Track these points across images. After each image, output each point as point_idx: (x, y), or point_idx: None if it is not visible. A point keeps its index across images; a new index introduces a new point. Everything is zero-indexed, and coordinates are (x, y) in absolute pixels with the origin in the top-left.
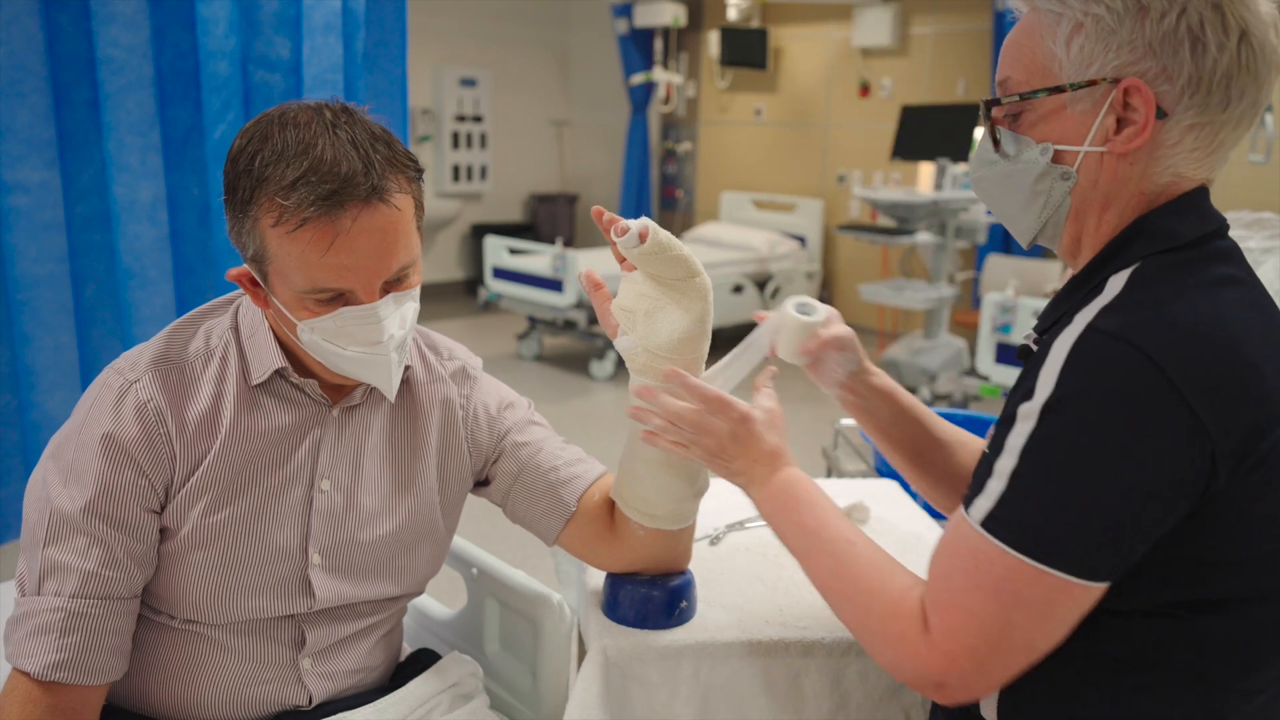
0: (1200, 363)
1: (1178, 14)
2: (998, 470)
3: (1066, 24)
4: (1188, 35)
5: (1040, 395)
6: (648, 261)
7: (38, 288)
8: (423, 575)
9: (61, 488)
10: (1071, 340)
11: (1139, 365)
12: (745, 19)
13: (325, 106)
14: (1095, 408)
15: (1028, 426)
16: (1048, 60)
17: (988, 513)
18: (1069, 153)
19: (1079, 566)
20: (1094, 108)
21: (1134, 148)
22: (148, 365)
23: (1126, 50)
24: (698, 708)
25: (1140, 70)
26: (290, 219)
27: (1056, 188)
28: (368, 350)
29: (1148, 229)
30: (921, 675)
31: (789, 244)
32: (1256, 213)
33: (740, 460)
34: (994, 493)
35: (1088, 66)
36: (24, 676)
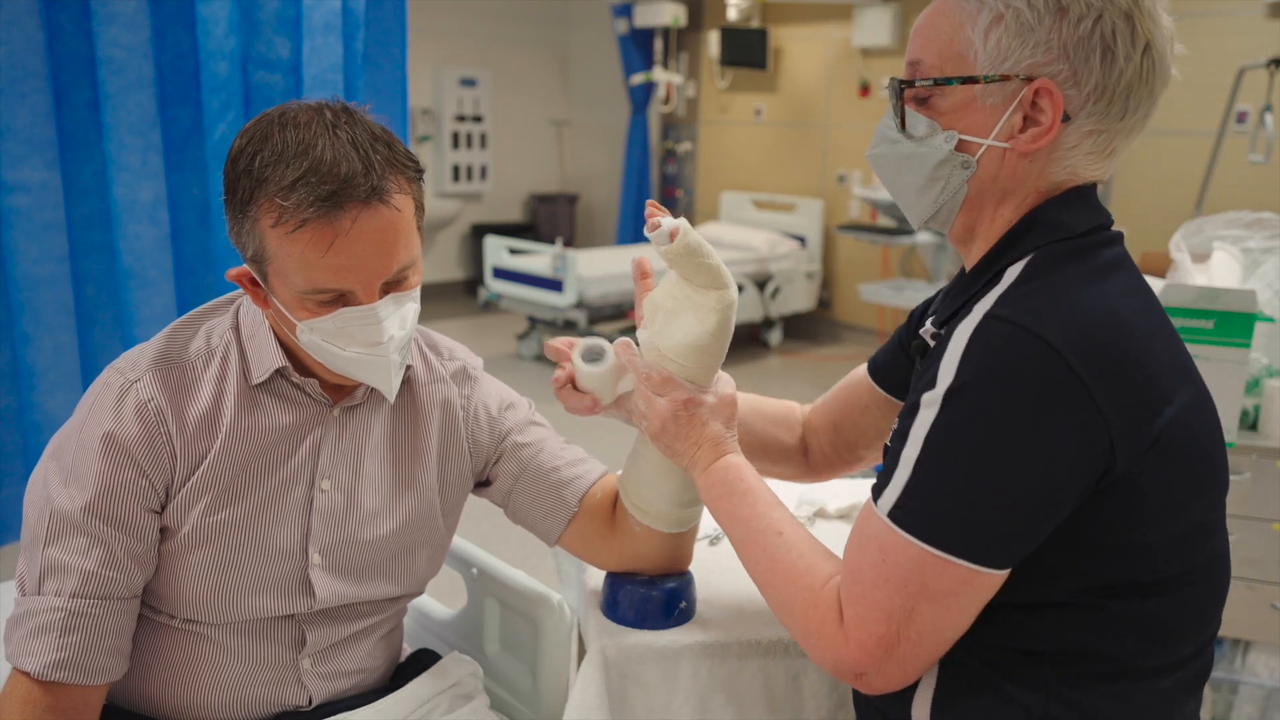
0: (1096, 348)
1: (1094, 20)
2: (903, 459)
3: (987, 14)
4: (1100, 43)
5: (942, 384)
6: (676, 262)
7: (38, 288)
8: (423, 575)
9: (62, 487)
10: (971, 329)
11: (1038, 351)
12: (745, 19)
13: (325, 106)
14: (996, 394)
15: (930, 414)
16: (964, 48)
17: (894, 503)
18: (973, 144)
19: (984, 555)
20: (1003, 103)
21: (1036, 149)
22: (148, 365)
23: (1042, 50)
24: (697, 708)
25: (1052, 72)
26: (290, 220)
27: (955, 175)
28: (367, 351)
29: (1041, 221)
30: (840, 665)
31: (789, 244)
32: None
33: (681, 443)
34: (899, 483)
35: (1002, 61)
36: (24, 676)
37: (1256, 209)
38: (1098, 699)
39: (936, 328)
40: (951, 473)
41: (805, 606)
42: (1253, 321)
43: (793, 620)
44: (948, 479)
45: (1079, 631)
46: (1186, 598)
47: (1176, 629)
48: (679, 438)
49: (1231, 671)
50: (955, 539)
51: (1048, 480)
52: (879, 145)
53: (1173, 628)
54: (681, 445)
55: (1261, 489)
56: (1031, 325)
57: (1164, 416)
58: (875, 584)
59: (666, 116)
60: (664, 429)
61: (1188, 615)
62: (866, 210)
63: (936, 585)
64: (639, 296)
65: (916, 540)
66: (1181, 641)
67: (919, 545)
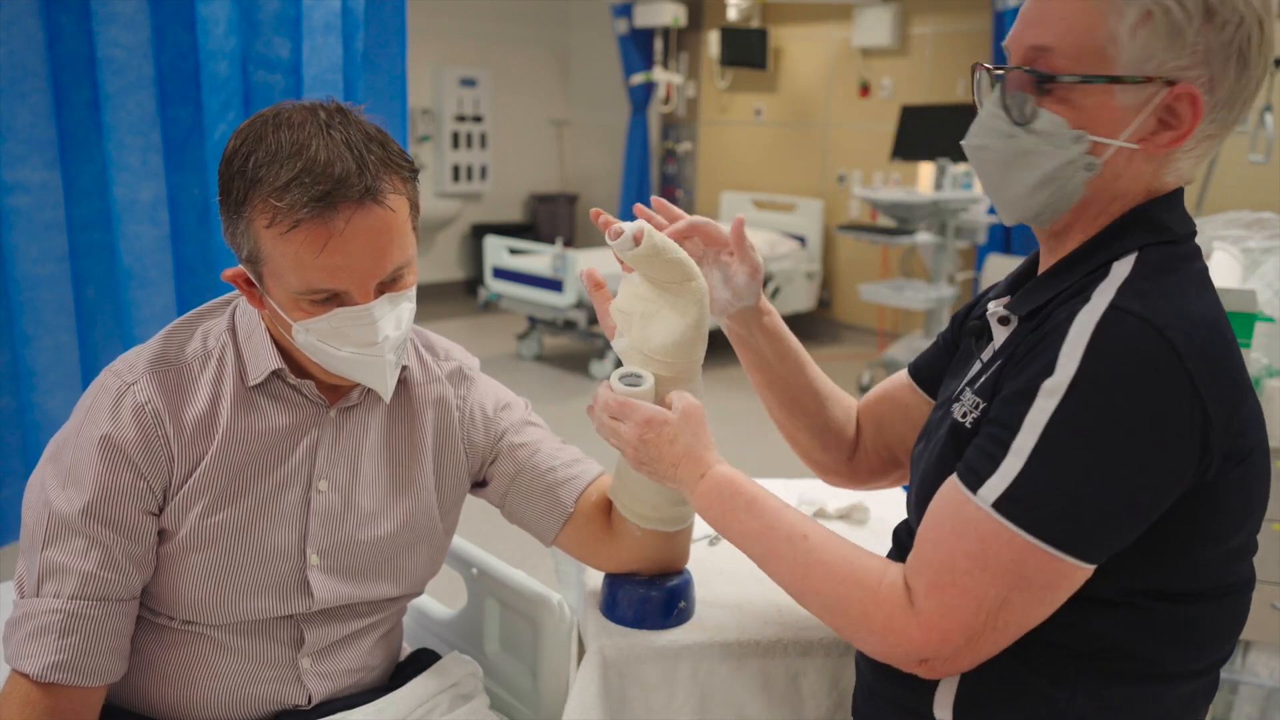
0: (1209, 356)
1: (1236, 25)
2: (1015, 448)
3: (1135, 10)
4: (1238, 50)
5: (1063, 373)
6: (643, 264)
7: (38, 288)
8: (421, 576)
9: (60, 490)
10: (1095, 318)
11: (1162, 351)
12: (745, 19)
13: (320, 106)
14: (1123, 391)
15: (1050, 404)
16: (1105, 42)
17: (1002, 493)
18: (1101, 144)
19: (1089, 551)
20: (1140, 104)
21: (1166, 150)
22: (145, 367)
23: (1188, 54)
24: (696, 708)
25: (1193, 77)
26: (283, 220)
27: (1077, 176)
28: (362, 351)
29: (1145, 220)
30: (910, 654)
31: (789, 244)
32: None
33: (659, 464)
34: (1008, 472)
35: (1147, 61)
36: (23, 678)
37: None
38: (1124, 699)
39: (1014, 311)
40: (1071, 468)
41: (865, 605)
42: (1253, 321)
43: (848, 621)
44: (1066, 474)
45: (1120, 631)
46: (1223, 608)
47: (1210, 637)
48: (655, 460)
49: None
50: (1066, 535)
51: (1160, 481)
52: (983, 136)
53: (1208, 636)
54: (661, 468)
55: None
56: (1158, 323)
57: (1249, 435)
58: (969, 573)
59: (666, 116)
60: (638, 455)
61: (1222, 625)
62: (866, 210)
63: (1036, 578)
64: (600, 307)
65: (1026, 534)
66: (1211, 650)
67: (1027, 539)
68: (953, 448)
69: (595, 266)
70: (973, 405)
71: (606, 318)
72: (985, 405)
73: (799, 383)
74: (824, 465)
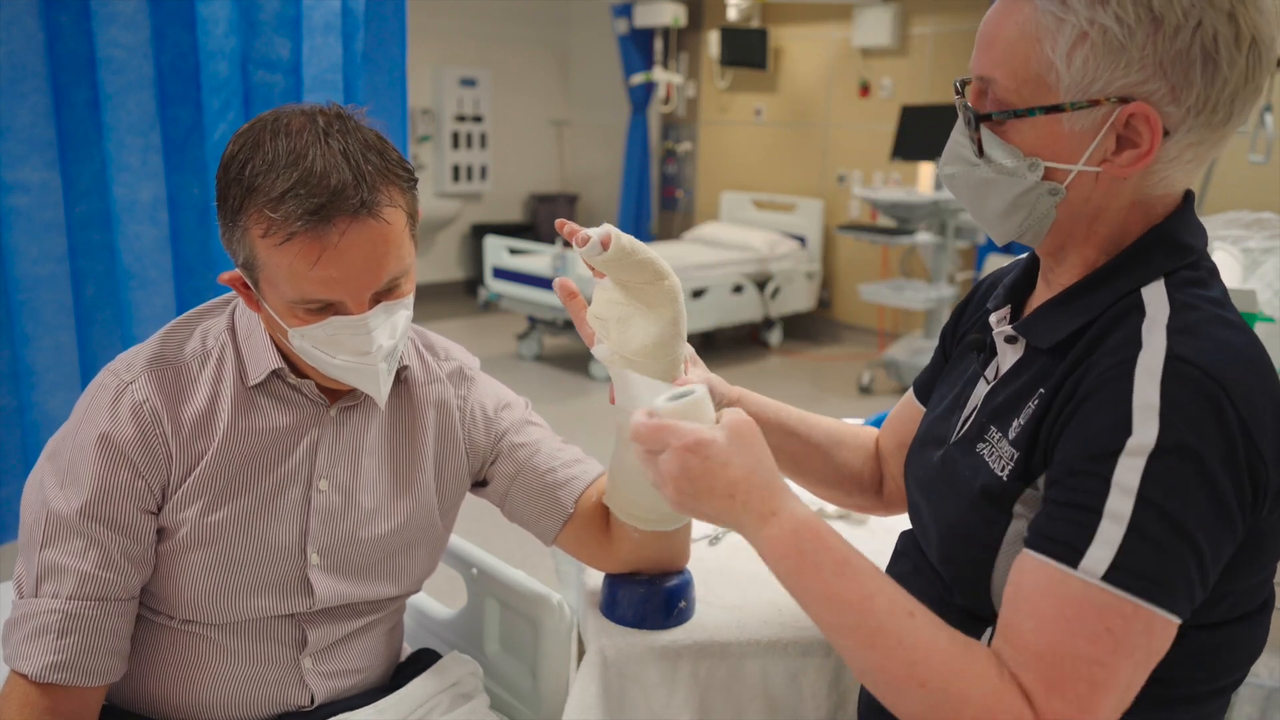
0: (1259, 406)
1: (1193, 29)
2: (1111, 512)
3: (1069, 32)
4: (1200, 53)
5: (1144, 431)
6: (614, 268)
7: (38, 288)
8: (420, 575)
9: (58, 490)
10: (1159, 369)
11: (1226, 402)
12: (745, 19)
13: (319, 113)
14: (1206, 448)
15: (1139, 463)
16: (1043, 69)
17: (1111, 563)
18: (1060, 170)
19: (1184, 607)
20: (1093, 127)
21: (1133, 171)
22: (144, 366)
23: (1135, 69)
24: (696, 708)
25: (1147, 92)
26: (278, 232)
27: (1043, 201)
28: (356, 359)
29: (1166, 241)
30: None
31: (789, 244)
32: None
33: (711, 499)
34: (1112, 539)
35: (1090, 84)
36: (22, 678)
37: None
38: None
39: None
40: (1174, 527)
41: (986, 703)
42: (1253, 322)
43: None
44: (1171, 534)
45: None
46: (1250, 630)
47: (1237, 658)
48: (704, 495)
49: None
50: (1176, 595)
51: (1239, 526)
52: (954, 164)
53: (1237, 657)
54: (712, 503)
55: None
56: (1217, 375)
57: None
58: (1100, 661)
59: (666, 116)
60: (680, 490)
61: (1249, 646)
62: (866, 210)
63: (1159, 646)
64: (576, 316)
65: (1144, 602)
66: (1237, 669)
67: (1149, 608)
68: (988, 500)
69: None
70: (1009, 457)
71: (584, 325)
72: (1018, 456)
73: (794, 449)
74: (860, 506)
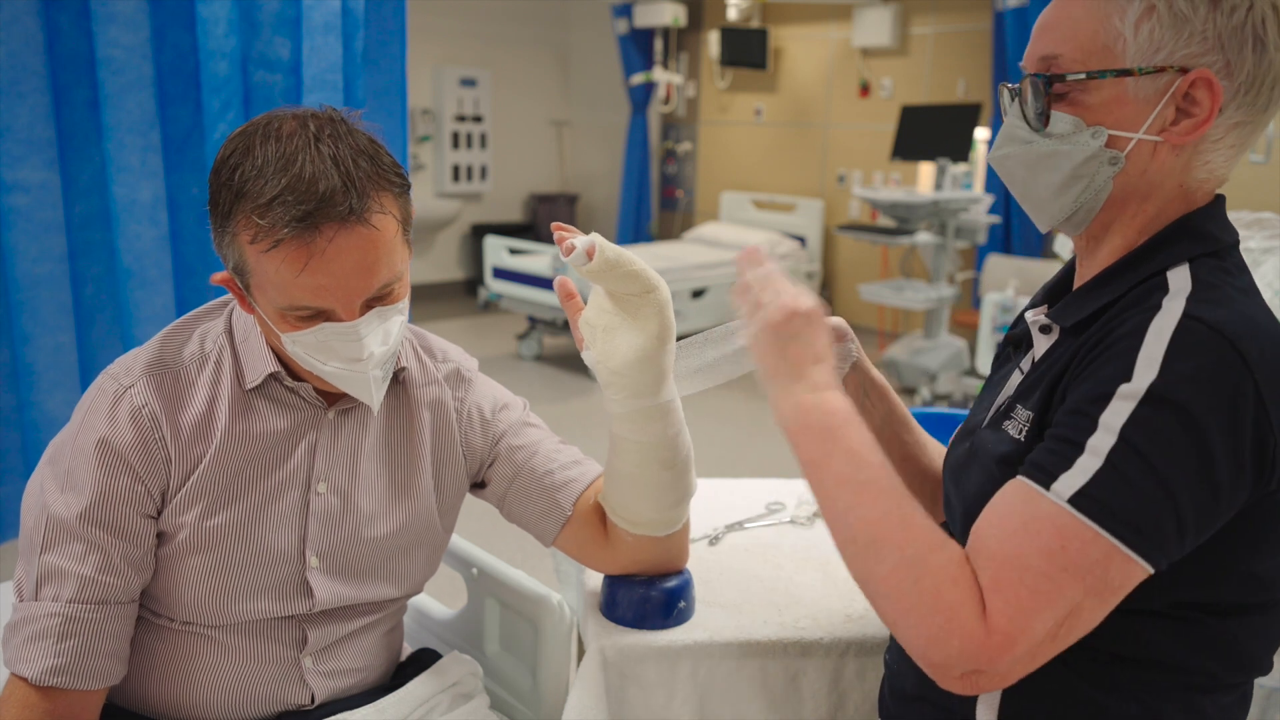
0: (1274, 367)
1: (1246, 9)
2: (1092, 446)
3: (1138, 5)
4: (1252, 33)
5: (1142, 378)
6: (600, 278)
7: (37, 287)
8: (420, 576)
9: (58, 494)
10: (1171, 325)
11: (1235, 361)
12: (745, 19)
13: (312, 117)
14: (1199, 403)
15: (1128, 406)
16: (1110, 40)
17: (1079, 489)
18: (1122, 138)
19: (1155, 553)
20: (1156, 95)
21: (1190, 140)
22: (142, 370)
23: (1198, 40)
24: (696, 708)
25: (1208, 63)
26: (265, 238)
27: (1102, 172)
28: (348, 366)
29: (1192, 230)
30: (962, 655)
31: (789, 244)
32: (1256, 213)
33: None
34: (1086, 469)
35: (1155, 52)
36: (22, 682)
37: (1256, 209)
38: (1170, 708)
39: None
40: (1149, 470)
41: (941, 579)
42: None
43: (914, 591)
44: (1145, 476)
45: (1170, 642)
46: (1270, 620)
47: (1254, 649)
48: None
49: None
50: (1142, 536)
51: (1227, 490)
52: (1006, 145)
53: (1252, 648)
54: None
55: None
56: (1230, 333)
57: None
58: (1048, 575)
59: (666, 116)
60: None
61: (1268, 636)
62: (866, 210)
63: (1113, 581)
64: (570, 319)
65: (1106, 532)
66: (1256, 661)
67: (1107, 537)
68: (1007, 466)
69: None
70: (1025, 420)
71: (577, 329)
72: (1033, 416)
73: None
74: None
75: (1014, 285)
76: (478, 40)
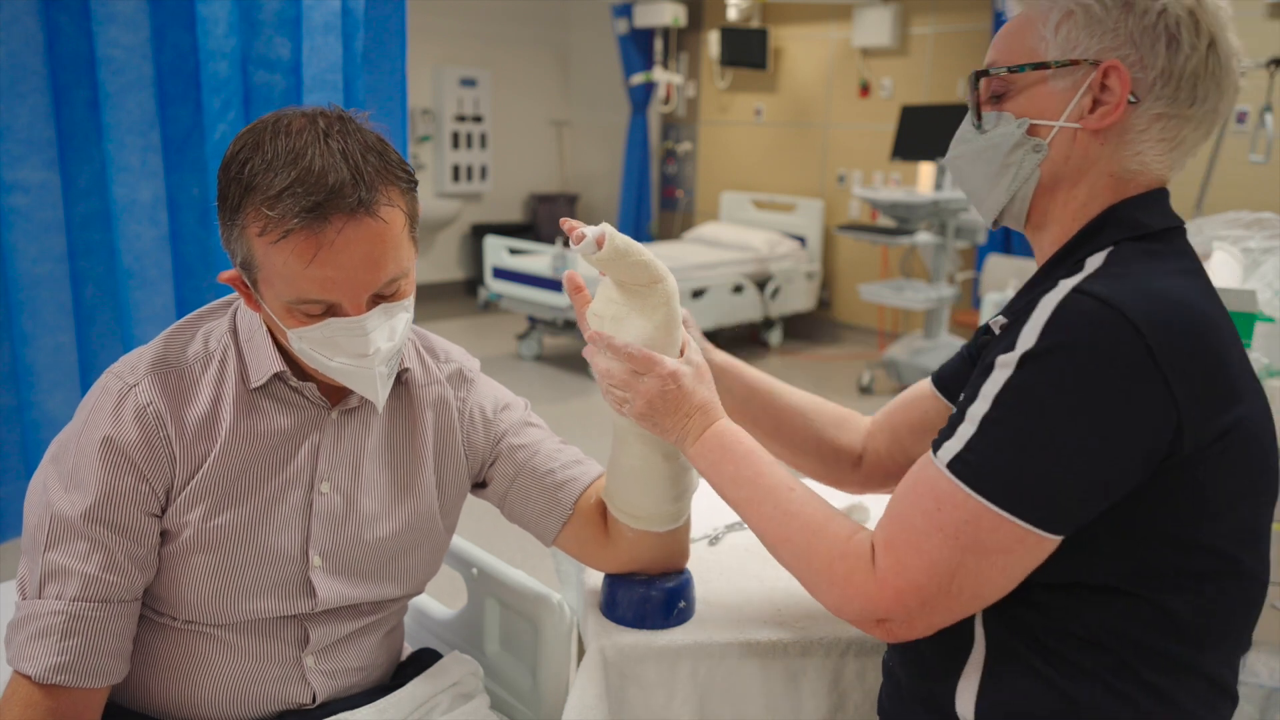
0: (1176, 335)
1: (1158, 12)
2: (970, 415)
3: (1058, 12)
4: (1165, 32)
5: (1020, 347)
6: (609, 267)
7: (37, 287)
8: (422, 576)
9: (62, 492)
10: (1056, 300)
11: (1121, 327)
12: (745, 19)
13: (321, 114)
14: (1073, 363)
15: (1004, 375)
16: (1035, 43)
17: (955, 454)
18: (1043, 127)
19: (1039, 517)
20: (1073, 86)
21: (1107, 125)
22: (147, 369)
23: (1110, 37)
24: (696, 708)
25: (1120, 56)
26: (274, 230)
27: (1028, 159)
28: (354, 362)
29: (1119, 218)
30: (865, 612)
31: (789, 244)
32: (1256, 213)
33: (670, 417)
34: (964, 435)
35: (1072, 48)
36: (25, 679)
37: (1256, 209)
38: (1142, 695)
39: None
40: (1019, 433)
41: (829, 555)
42: (1253, 321)
43: (812, 569)
44: (1014, 439)
45: (1129, 621)
46: (1231, 595)
47: (1213, 630)
48: (668, 413)
49: None
50: (1014, 497)
51: (1111, 452)
52: (956, 147)
53: (1210, 628)
54: (671, 420)
55: None
56: (1116, 301)
57: (1233, 413)
58: (926, 533)
59: (666, 116)
60: (651, 406)
61: (1222, 618)
62: (866, 210)
63: (988, 541)
64: (579, 311)
65: (975, 494)
66: (1222, 641)
67: (977, 499)
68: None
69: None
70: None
71: (584, 321)
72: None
73: (777, 409)
74: (834, 479)
75: (1014, 285)
76: (478, 40)
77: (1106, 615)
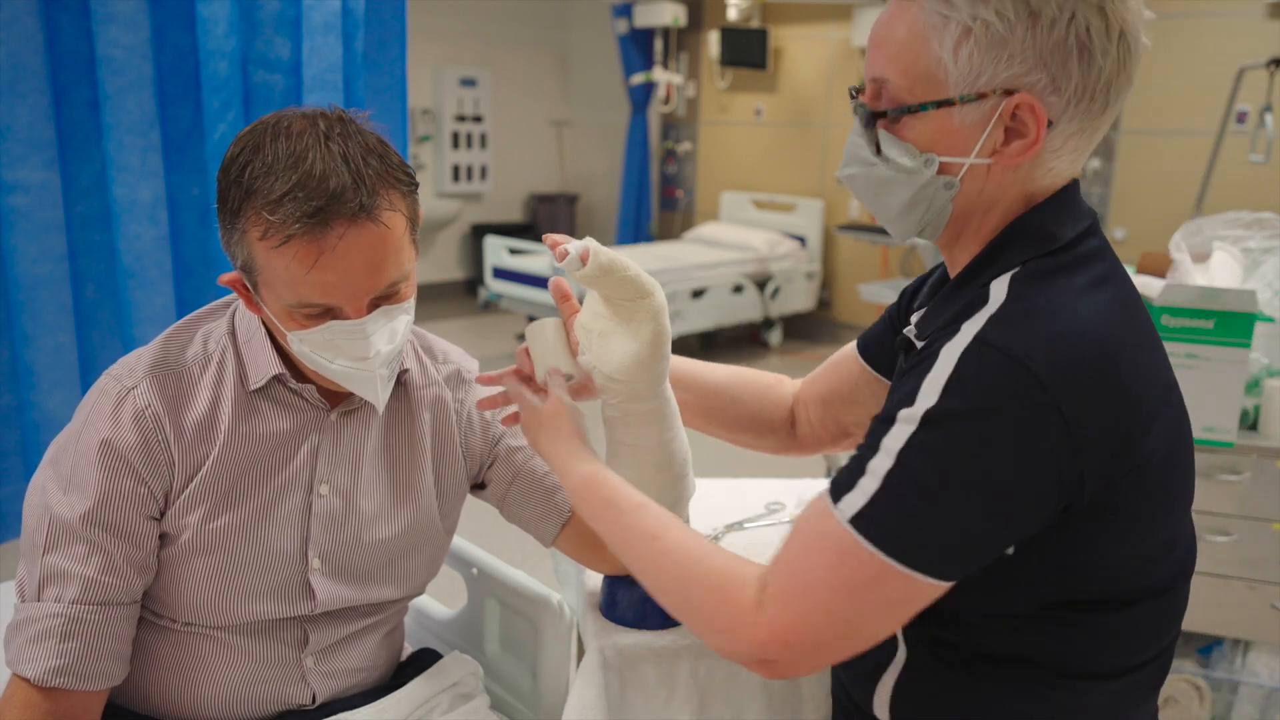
0: (1081, 379)
1: (1067, 21)
2: (872, 469)
3: (954, 29)
4: (1076, 44)
5: (922, 404)
6: (595, 283)
7: (37, 288)
8: (422, 578)
9: (61, 495)
10: (958, 352)
11: (1026, 386)
12: (745, 19)
13: (321, 116)
14: (977, 426)
15: (906, 431)
16: (932, 66)
17: (858, 510)
18: (954, 164)
19: (940, 570)
20: (982, 120)
21: (1024, 160)
22: (145, 371)
23: (1018, 61)
24: (695, 708)
25: (1030, 83)
26: (275, 234)
27: (939, 196)
28: (354, 365)
29: (1027, 231)
30: (751, 654)
31: (789, 244)
32: (1256, 213)
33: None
34: (866, 490)
35: (976, 78)
36: (24, 682)
37: (1256, 209)
38: (1057, 696)
39: (920, 333)
40: (921, 493)
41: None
42: (1253, 321)
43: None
44: (917, 498)
45: (1043, 640)
46: (1146, 611)
47: (1134, 639)
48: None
49: (1231, 671)
50: (917, 554)
51: (1014, 510)
52: (852, 165)
53: (1131, 639)
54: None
55: (1261, 489)
56: (1019, 355)
57: (1144, 447)
58: (828, 586)
59: (666, 116)
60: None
61: (1146, 627)
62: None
63: (890, 594)
64: (566, 321)
65: (880, 552)
66: (1142, 648)
67: (881, 557)
68: None
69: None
70: None
71: (571, 333)
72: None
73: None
74: (772, 448)
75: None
76: (478, 40)
77: (1024, 638)
